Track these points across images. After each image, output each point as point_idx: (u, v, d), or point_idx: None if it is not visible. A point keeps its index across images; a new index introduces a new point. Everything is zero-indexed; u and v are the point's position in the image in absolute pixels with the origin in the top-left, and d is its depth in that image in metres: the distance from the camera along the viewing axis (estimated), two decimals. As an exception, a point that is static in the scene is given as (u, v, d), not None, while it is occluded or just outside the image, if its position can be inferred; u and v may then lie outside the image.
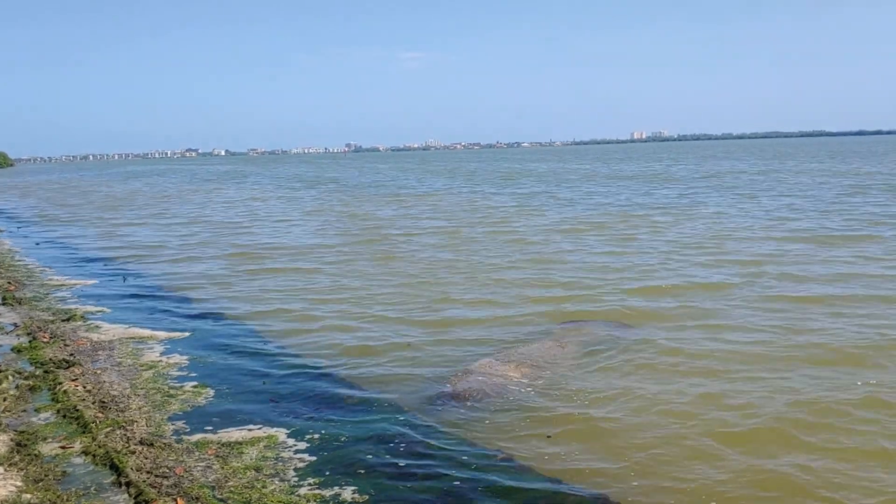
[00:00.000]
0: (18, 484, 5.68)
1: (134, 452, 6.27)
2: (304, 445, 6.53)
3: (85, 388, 7.97)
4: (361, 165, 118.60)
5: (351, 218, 27.69)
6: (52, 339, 10.08)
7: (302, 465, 6.14)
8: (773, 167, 59.12)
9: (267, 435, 6.77)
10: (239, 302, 12.81)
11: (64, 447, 6.45)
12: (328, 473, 5.98)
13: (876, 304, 11.06)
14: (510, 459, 6.25)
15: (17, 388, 7.98)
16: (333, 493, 5.66)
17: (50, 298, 13.18)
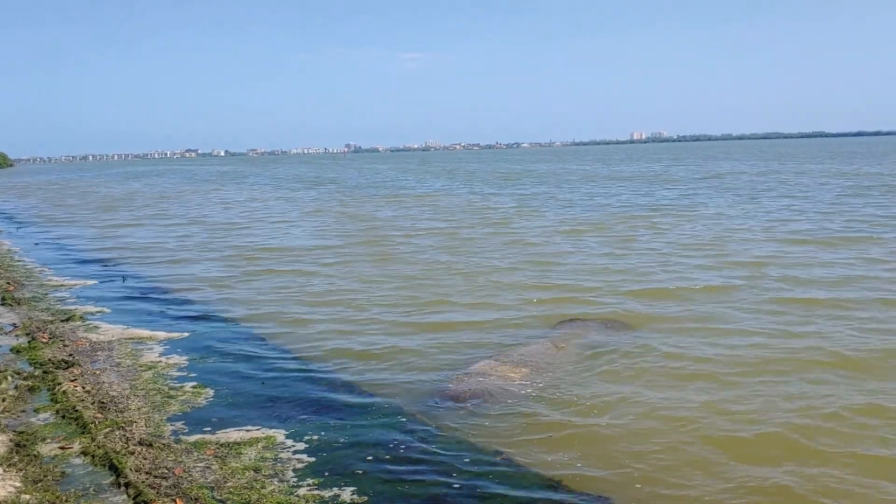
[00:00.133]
0: (17, 484, 5.67)
1: (133, 453, 6.26)
2: (302, 446, 6.52)
3: (84, 388, 7.96)
4: (361, 166, 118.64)
5: (350, 219, 27.69)
6: (51, 339, 10.07)
7: (301, 465, 6.14)
8: (773, 168, 59.16)
9: (266, 436, 6.76)
10: (238, 303, 12.80)
11: (63, 448, 6.44)
12: (327, 474, 5.97)
13: (878, 306, 11.01)
14: (510, 462, 6.23)
15: (16, 388, 7.97)
16: (332, 493, 5.65)
17: (49, 299, 13.18)
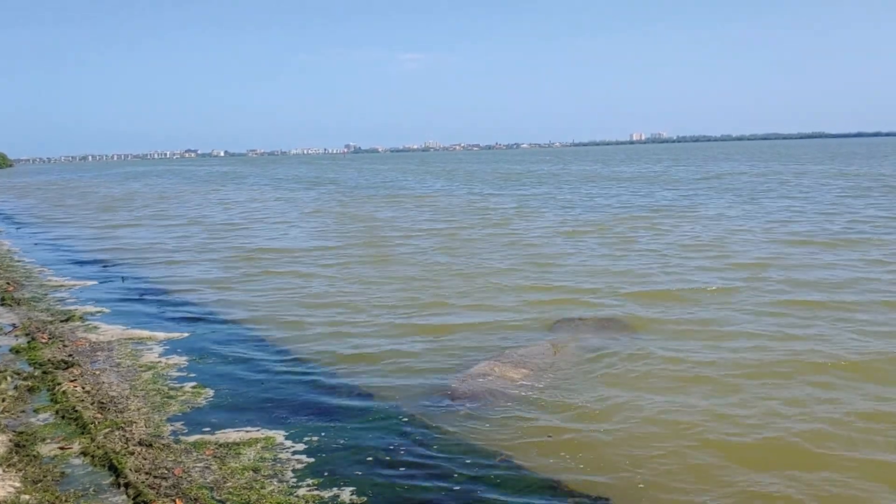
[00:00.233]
0: (17, 485, 5.67)
1: (133, 453, 6.26)
2: (302, 447, 6.52)
3: (84, 388, 7.96)
4: (361, 166, 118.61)
5: (350, 220, 27.68)
6: (50, 339, 10.07)
7: (300, 466, 6.14)
8: (773, 168, 59.13)
9: (265, 436, 6.76)
10: (238, 304, 12.80)
11: (63, 448, 6.44)
12: (326, 475, 5.97)
13: (880, 309, 10.89)
14: (509, 463, 6.22)
15: (15, 388, 7.98)
16: (332, 494, 5.65)
17: (49, 299, 13.17)
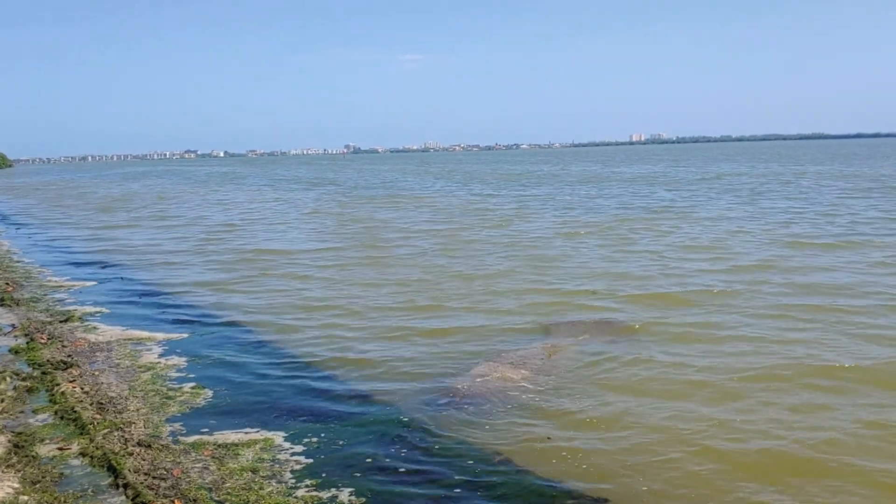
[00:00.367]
0: (16, 485, 5.67)
1: (132, 454, 6.27)
2: (301, 448, 6.52)
3: (83, 389, 7.97)
4: (361, 167, 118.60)
5: (349, 221, 27.68)
6: (49, 340, 10.07)
7: (299, 467, 6.14)
8: (773, 169, 59.12)
9: (264, 437, 6.77)
10: (237, 305, 12.80)
11: (61, 449, 6.44)
12: (325, 475, 5.97)
13: (883, 312, 10.74)
14: (509, 463, 6.23)
15: (14, 389, 7.98)
16: (330, 495, 5.66)
17: (48, 299, 13.18)
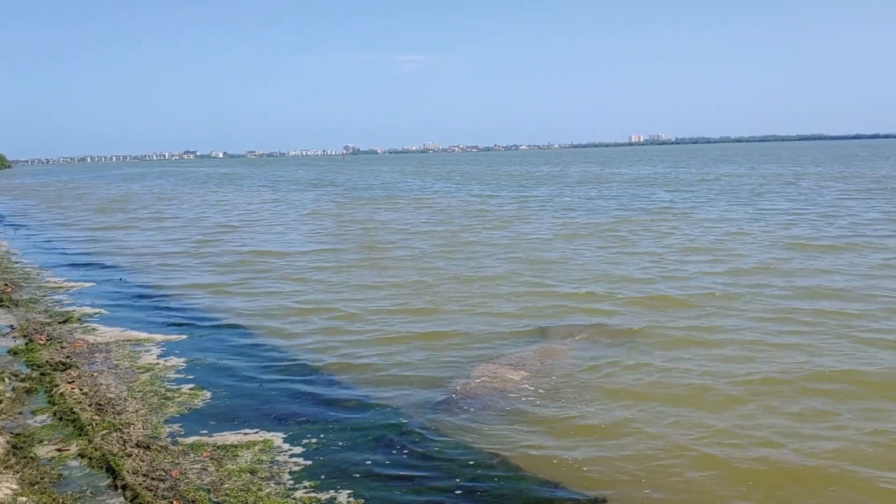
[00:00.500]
0: (14, 487, 5.67)
1: (130, 455, 6.27)
2: (299, 449, 6.52)
3: (81, 390, 7.97)
4: (360, 168, 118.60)
5: (348, 222, 27.68)
6: (48, 341, 10.07)
7: (297, 468, 6.14)
8: (773, 171, 59.08)
9: (263, 438, 6.77)
10: (236, 306, 12.80)
11: (60, 450, 6.44)
12: (324, 477, 5.97)
13: (886, 316, 10.56)
14: (507, 466, 6.22)
15: (13, 390, 7.98)
16: (329, 496, 5.66)
17: (46, 300, 13.17)
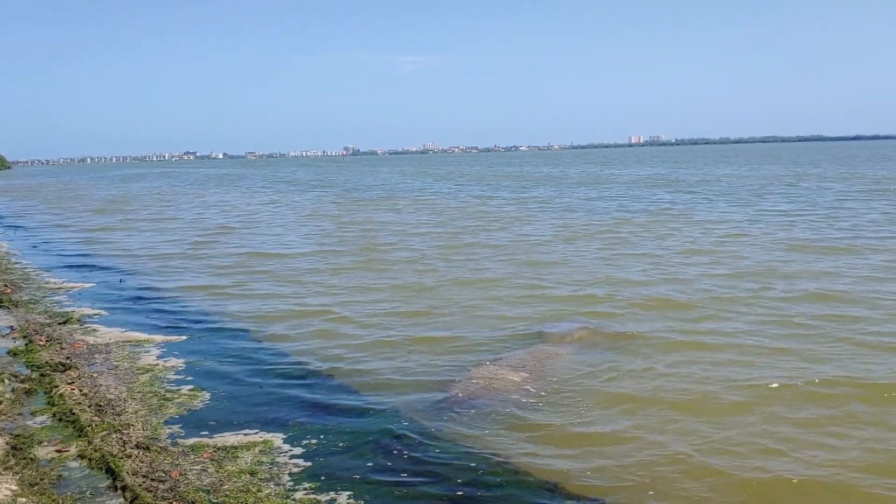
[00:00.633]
0: (14, 488, 5.67)
1: (130, 456, 6.27)
2: (299, 450, 6.52)
3: (81, 391, 7.97)
4: (360, 169, 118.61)
5: (348, 223, 27.67)
6: (48, 342, 10.07)
7: (297, 469, 6.14)
8: (773, 172, 59.04)
9: (263, 439, 6.76)
10: (235, 307, 12.80)
11: (60, 451, 6.44)
12: (323, 478, 5.97)
13: (887, 319, 10.44)
14: (508, 467, 6.22)
15: (12, 391, 7.98)
16: (329, 498, 5.65)
17: (46, 301, 13.17)
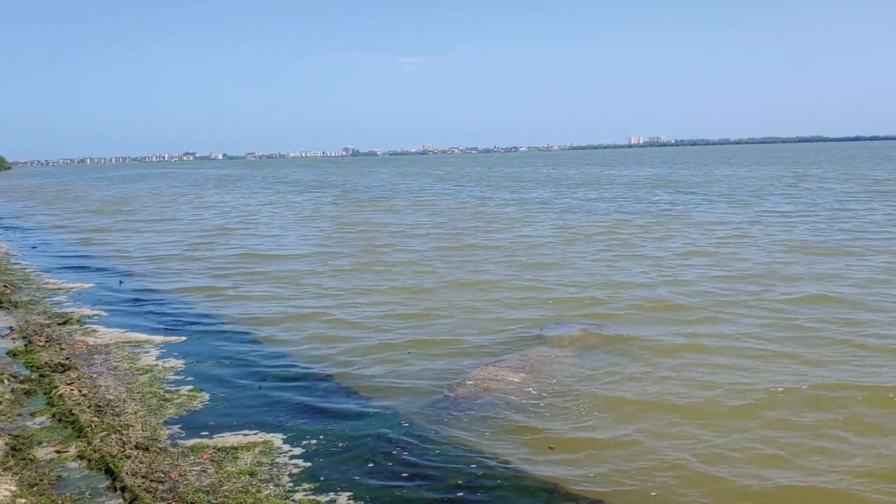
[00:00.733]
0: (13, 488, 5.67)
1: (129, 457, 6.26)
2: (299, 451, 6.52)
3: (80, 392, 7.96)
4: (359, 169, 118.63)
5: (347, 224, 27.66)
6: (47, 342, 10.07)
7: (297, 470, 6.14)
8: (774, 173, 59.01)
9: (262, 440, 6.76)
10: (234, 308, 12.79)
11: (59, 451, 6.44)
12: (323, 479, 5.97)
13: (889, 323, 10.33)
14: (507, 467, 6.21)
15: (12, 391, 7.97)
16: (329, 498, 5.65)
17: (46, 302, 13.17)
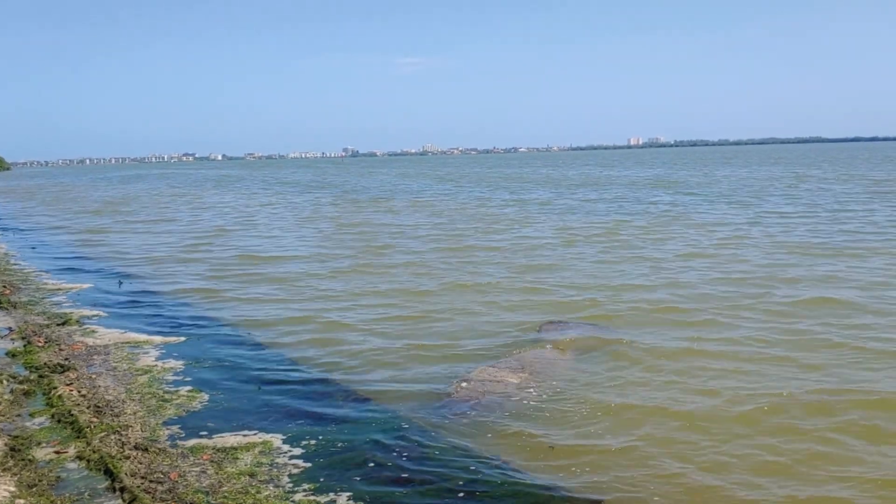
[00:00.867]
0: (12, 489, 5.65)
1: (128, 457, 6.25)
2: (299, 451, 6.51)
3: (80, 392, 7.95)
4: (359, 170, 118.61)
5: (346, 225, 27.65)
6: (46, 343, 10.05)
7: (297, 471, 6.13)
8: (774, 174, 59.00)
9: (262, 440, 6.75)
10: (234, 308, 12.78)
11: (58, 452, 6.43)
12: (323, 479, 5.96)
13: (890, 326, 10.25)
14: (506, 468, 6.21)
15: (11, 392, 7.96)
16: (328, 499, 5.64)
17: (45, 302, 13.15)
